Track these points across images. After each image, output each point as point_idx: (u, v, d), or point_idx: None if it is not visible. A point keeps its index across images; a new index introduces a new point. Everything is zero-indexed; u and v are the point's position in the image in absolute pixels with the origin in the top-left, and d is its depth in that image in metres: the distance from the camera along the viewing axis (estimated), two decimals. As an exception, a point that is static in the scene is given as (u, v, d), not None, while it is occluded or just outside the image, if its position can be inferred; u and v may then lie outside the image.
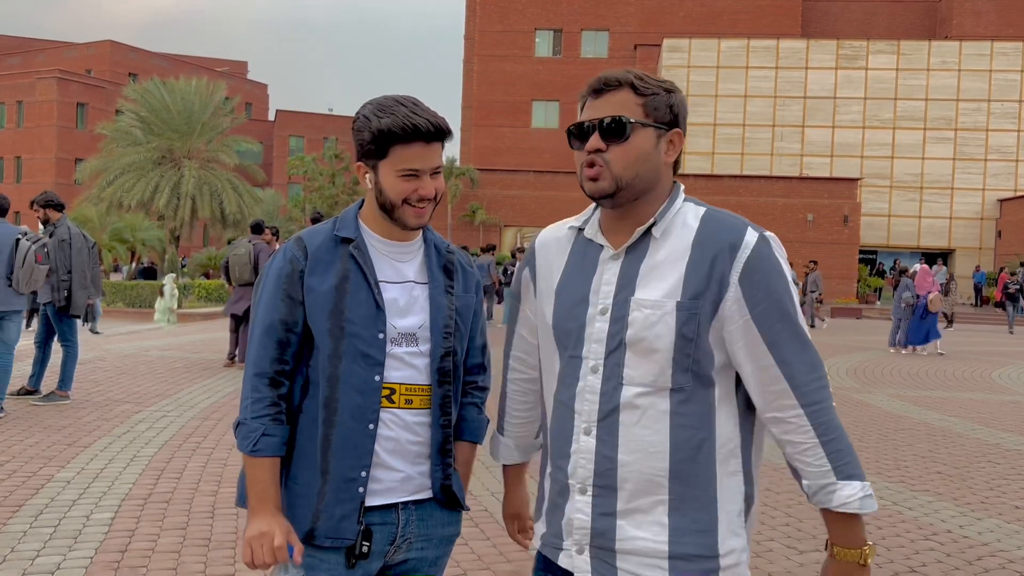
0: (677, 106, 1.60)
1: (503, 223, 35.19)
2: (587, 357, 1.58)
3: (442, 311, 1.85)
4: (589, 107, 1.60)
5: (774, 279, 1.52)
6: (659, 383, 1.52)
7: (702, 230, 1.55)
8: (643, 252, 1.57)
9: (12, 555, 3.99)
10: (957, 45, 38.22)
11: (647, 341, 1.52)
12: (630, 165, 1.55)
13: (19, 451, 5.97)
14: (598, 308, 1.58)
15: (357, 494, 1.76)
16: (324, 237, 1.82)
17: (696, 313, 1.51)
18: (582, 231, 1.69)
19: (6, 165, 54.22)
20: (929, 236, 37.88)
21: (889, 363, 14.18)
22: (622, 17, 44.51)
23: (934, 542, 4.70)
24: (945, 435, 7.91)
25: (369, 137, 1.75)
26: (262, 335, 1.78)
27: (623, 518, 1.53)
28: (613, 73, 1.60)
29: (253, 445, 1.74)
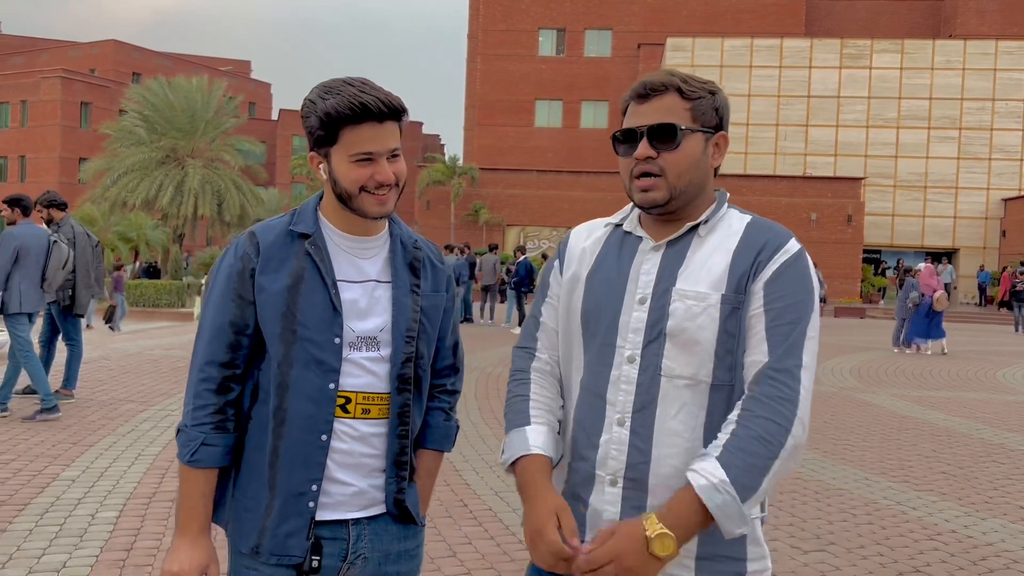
0: (722, 108, 1.58)
1: (506, 222, 35.17)
2: (622, 346, 1.54)
3: (405, 313, 1.71)
4: (634, 112, 1.57)
5: (801, 282, 1.51)
6: (699, 376, 1.50)
7: (748, 231, 1.55)
8: (686, 247, 1.56)
9: (18, 553, 4.00)
10: (961, 44, 38.13)
11: (689, 332, 1.49)
12: (683, 173, 1.53)
13: (24, 449, 5.98)
14: (636, 297, 1.55)
15: (307, 509, 1.64)
16: (279, 232, 1.68)
17: (739, 307, 1.49)
18: (619, 226, 1.67)
19: (11, 164, 54.32)
20: (933, 235, 37.81)
21: (893, 363, 14.16)
22: (625, 16, 44.48)
23: (938, 542, 4.70)
24: (949, 435, 7.89)
25: (316, 122, 1.61)
26: (210, 337, 1.66)
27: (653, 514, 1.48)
28: (658, 76, 1.57)
29: (191, 454, 1.63)
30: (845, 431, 7.88)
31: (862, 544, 4.62)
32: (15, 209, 7.26)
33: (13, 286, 6.93)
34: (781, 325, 1.47)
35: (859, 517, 5.13)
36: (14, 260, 6.93)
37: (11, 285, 6.93)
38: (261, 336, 1.67)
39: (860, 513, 5.22)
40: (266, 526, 1.65)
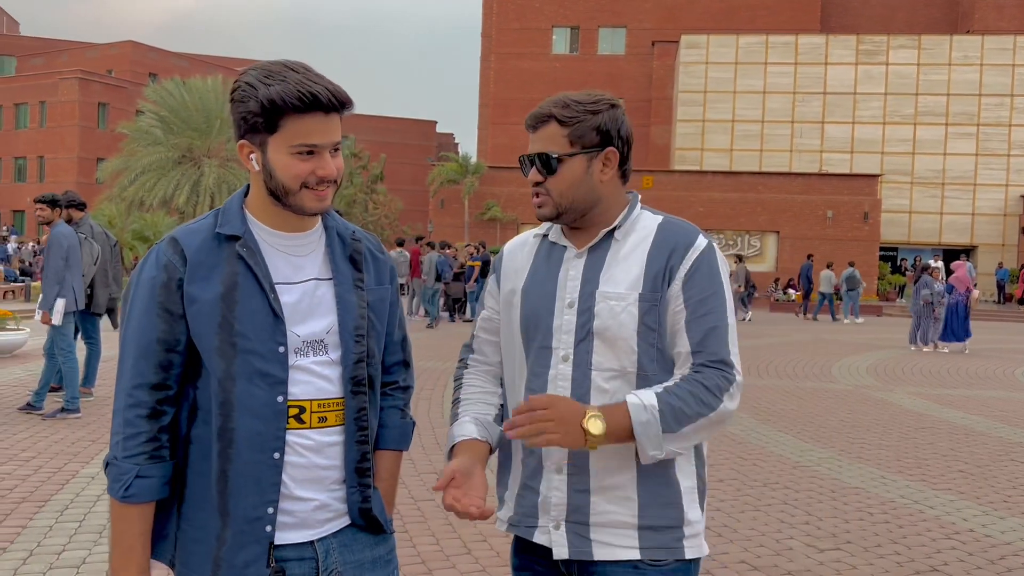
0: (605, 124, 1.71)
1: (520, 220, 35.15)
2: (557, 347, 1.71)
3: (352, 311, 1.60)
4: (531, 140, 1.75)
5: (713, 277, 1.68)
6: (625, 368, 1.67)
7: (660, 232, 1.72)
8: (605, 251, 1.73)
9: (39, 549, 4.05)
10: (979, 39, 37.77)
11: (612, 330, 1.67)
12: (564, 192, 1.71)
13: (44, 447, 6.05)
14: (565, 301, 1.71)
15: (264, 534, 1.52)
16: (204, 236, 1.54)
17: (655, 304, 1.67)
18: (546, 237, 1.83)
19: (30, 165, 54.84)
20: (951, 233, 37.49)
21: (910, 361, 14.06)
22: (639, 14, 44.35)
23: (956, 541, 4.67)
24: (967, 433, 7.84)
25: (256, 108, 1.47)
26: (137, 358, 1.51)
27: (596, 494, 1.67)
28: (542, 107, 1.73)
29: (125, 489, 1.48)
30: (862, 429, 7.84)
31: (879, 543, 4.59)
32: (54, 209, 7.30)
33: (66, 286, 6.98)
34: (702, 316, 1.65)
35: (876, 516, 5.10)
36: (66, 260, 6.97)
37: (64, 285, 6.98)
38: (194, 352, 1.53)
39: (877, 512, 5.19)
40: (221, 556, 1.51)
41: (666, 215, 1.77)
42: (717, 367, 1.64)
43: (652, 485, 1.67)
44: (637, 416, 1.58)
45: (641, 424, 1.58)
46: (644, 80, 43.99)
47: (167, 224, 31.94)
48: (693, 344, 1.65)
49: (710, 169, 36.90)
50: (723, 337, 1.66)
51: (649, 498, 1.67)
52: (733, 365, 1.65)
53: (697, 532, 1.71)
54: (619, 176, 1.76)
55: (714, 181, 34.60)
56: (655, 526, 1.67)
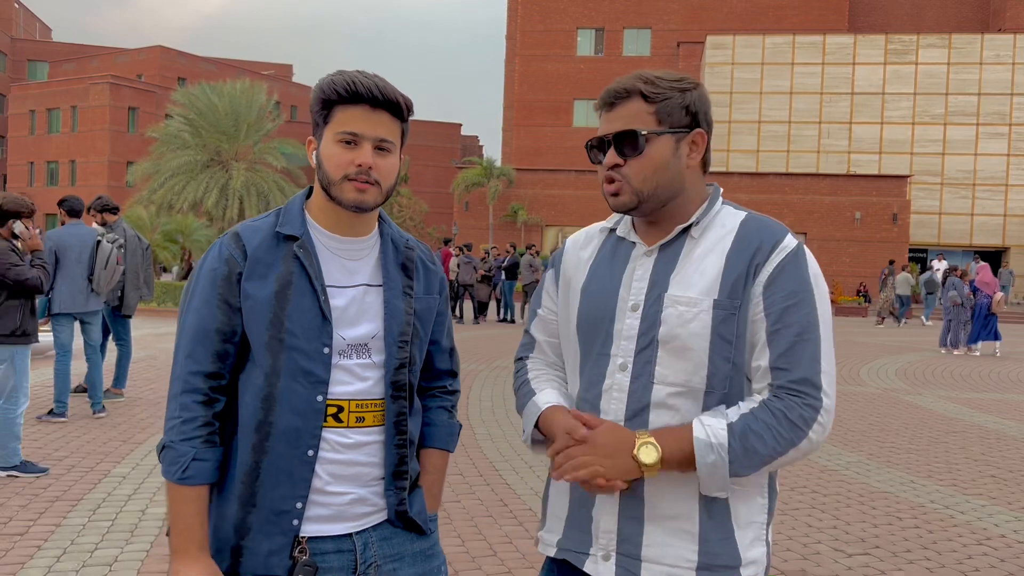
0: (695, 104, 1.54)
1: (544, 223, 35.17)
2: (615, 355, 1.53)
3: (398, 317, 1.63)
4: (604, 120, 1.57)
5: (801, 283, 1.47)
6: (692, 383, 1.48)
7: (743, 231, 1.52)
8: (678, 250, 1.54)
9: (72, 547, 4.12)
10: (1011, 38, 37.18)
11: (681, 339, 1.47)
12: (648, 177, 1.52)
13: (77, 447, 6.15)
14: (629, 304, 1.53)
15: (291, 527, 1.55)
16: (265, 234, 1.59)
17: (734, 313, 1.46)
18: (614, 231, 1.65)
19: (62, 169, 55.76)
20: (982, 234, 36.93)
21: (940, 364, 13.87)
22: (664, 15, 44.19)
23: (987, 547, 4.61)
24: (999, 438, 7.72)
25: (314, 99, 1.59)
26: (195, 346, 1.55)
27: (651, 523, 1.49)
28: (622, 82, 1.55)
29: (183, 472, 1.52)
30: (891, 433, 7.75)
31: (908, 548, 4.54)
32: (62, 210, 7.39)
33: (55, 287, 7.00)
34: (786, 327, 1.44)
35: (905, 521, 5.05)
36: (54, 261, 6.96)
37: (54, 286, 6.99)
38: (246, 345, 1.57)
39: (906, 517, 5.13)
40: (244, 545, 1.55)
41: (751, 211, 1.56)
42: (801, 392, 1.41)
43: (715, 517, 1.47)
44: (703, 456, 1.40)
45: (707, 465, 1.40)
46: (669, 81, 43.76)
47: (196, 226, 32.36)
48: (774, 359, 1.43)
49: (736, 171, 36.65)
50: (811, 353, 1.43)
51: (710, 532, 1.47)
52: (821, 387, 1.42)
53: (756, 573, 1.50)
54: (701, 165, 1.57)
55: (740, 182, 34.34)
56: (714, 565, 1.47)
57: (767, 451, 1.40)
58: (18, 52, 65.53)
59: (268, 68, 68.53)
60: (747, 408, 1.43)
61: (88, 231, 7.30)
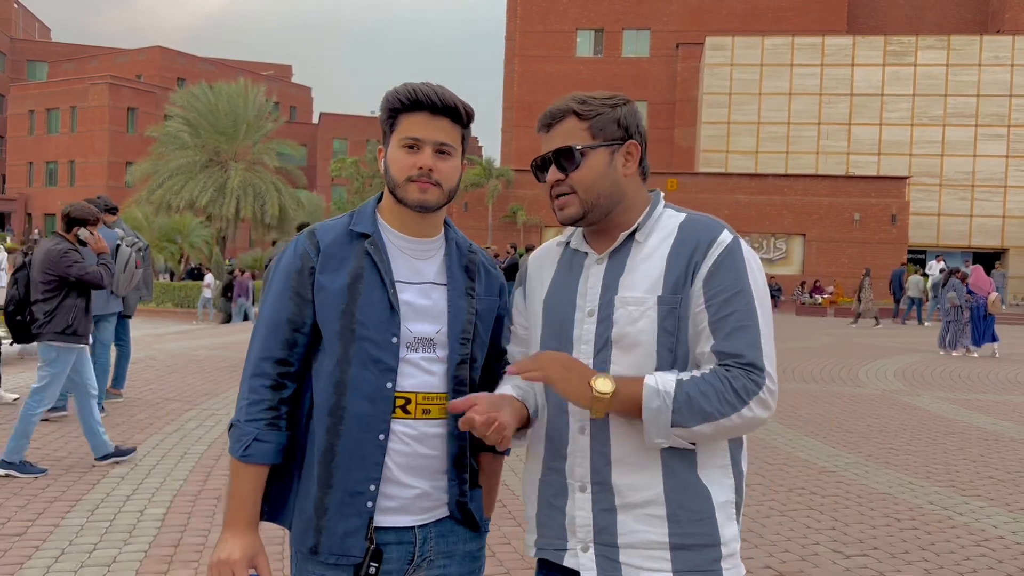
0: (625, 118, 1.67)
1: (544, 223, 35.16)
2: (577, 357, 1.63)
3: (461, 315, 1.73)
4: (544, 141, 1.69)
5: (738, 274, 1.57)
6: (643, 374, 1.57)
7: (682, 230, 1.63)
8: (626, 255, 1.65)
9: (70, 548, 4.12)
10: (1010, 40, 37.22)
11: (630, 336, 1.59)
12: (590, 187, 1.64)
13: (76, 447, 6.15)
14: (585, 311, 1.64)
15: (365, 509, 1.64)
16: (339, 232, 1.72)
17: (676, 307, 1.58)
18: (568, 244, 1.77)
19: (61, 169, 55.75)
20: (981, 235, 36.96)
21: (939, 365, 13.88)
22: (664, 16, 44.21)
23: (985, 548, 4.61)
24: (997, 439, 7.73)
25: (382, 108, 1.71)
26: (267, 334, 1.68)
27: (623, 512, 1.58)
28: (556, 105, 1.68)
29: (244, 449, 1.64)
30: (889, 434, 7.76)
31: (906, 549, 4.55)
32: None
33: None
34: (726, 316, 1.55)
35: (903, 522, 5.05)
36: None
37: None
38: (317, 336, 1.68)
39: (905, 518, 5.14)
40: (322, 525, 1.65)
41: (690, 212, 1.68)
42: (746, 368, 1.52)
43: (683, 499, 1.57)
44: (649, 401, 1.51)
45: (651, 410, 1.51)
46: (669, 82, 43.83)
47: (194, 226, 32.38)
48: (717, 345, 1.54)
49: (735, 171, 36.67)
50: (751, 339, 1.54)
51: (680, 514, 1.57)
52: (764, 369, 1.52)
53: (734, 551, 1.60)
54: (639, 173, 1.70)
55: (739, 183, 34.37)
56: (689, 545, 1.56)
57: (710, 408, 1.50)
58: (17, 52, 65.49)
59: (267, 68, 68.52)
60: (698, 373, 1.54)
61: (109, 235, 7.36)
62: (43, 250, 5.55)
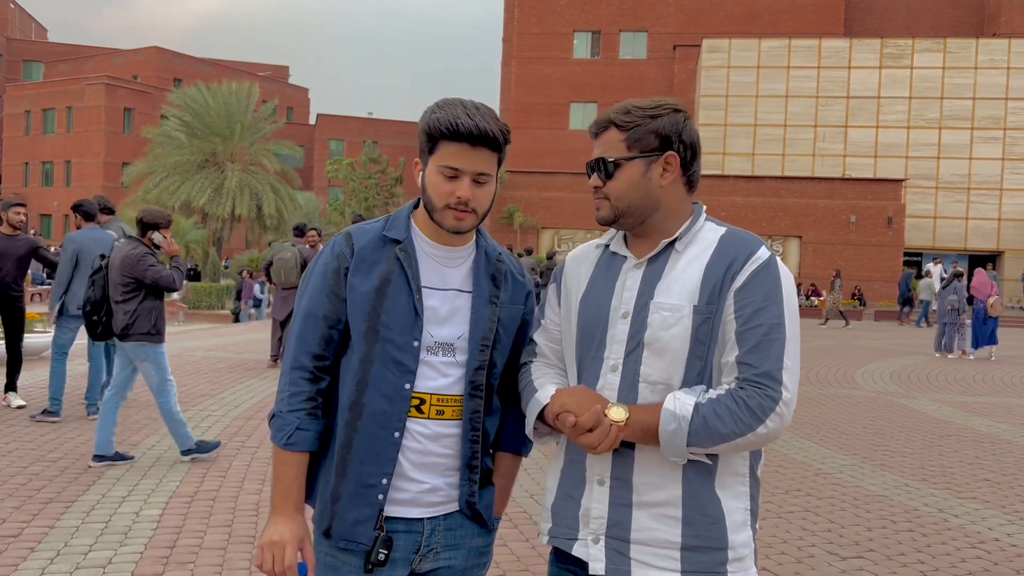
0: (666, 128, 1.69)
1: (540, 225, 35.18)
2: (607, 358, 1.69)
3: (483, 323, 1.79)
4: (594, 147, 1.78)
5: (771, 289, 1.62)
6: (672, 381, 1.63)
7: (721, 244, 1.68)
8: (664, 262, 1.70)
9: (65, 549, 4.11)
10: (1006, 43, 37.32)
11: (663, 341, 1.63)
12: (621, 196, 1.71)
13: (71, 448, 6.14)
14: (620, 312, 1.69)
15: (376, 501, 1.72)
16: (373, 236, 1.79)
17: (710, 317, 1.62)
18: (608, 247, 1.82)
19: (56, 169, 55.64)
20: (976, 238, 37.04)
21: (934, 367, 13.91)
22: (661, 18, 44.26)
23: (981, 550, 4.62)
24: (993, 441, 7.74)
25: (423, 130, 1.76)
26: (304, 329, 1.76)
27: (638, 509, 1.63)
28: (603, 115, 1.75)
29: (287, 438, 1.73)
30: (885, 437, 7.77)
31: (902, 552, 4.55)
32: (77, 215, 7.47)
33: (71, 289, 7.13)
34: (753, 328, 1.59)
35: (899, 524, 5.06)
36: (74, 264, 7.12)
37: (70, 288, 7.14)
38: (348, 332, 1.76)
39: (900, 520, 5.14)
40: (335, 511, 1.74)
41: (730, 227, 1.72)
42: (762, 384, 1.56)
43: (699, 504, 1.62)
44: (666, 424, 1.56)
45: (667, 432, 1.56)
46: (665, 84, 43.87)
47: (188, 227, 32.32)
48: (741, 355, 1.58)
49: (732, 173, 36.71)
50: (776, 350, 1.58)
51: (695, 517, 1.61)
52: (780, 381, 1.56)
53: (742, 556, 1.63)
54: (683, 183, 1.73)
55: (736, 185, 34.41)
56: (698, 547, 1.61)
57: (726, 431, 1.55)
58: (14, 52, 65.37)
59: (264, 69, 68.47)
60: (715, 394, 1.59)
61: (106, 236, 7.38)
62: (121, 254, 5.75)
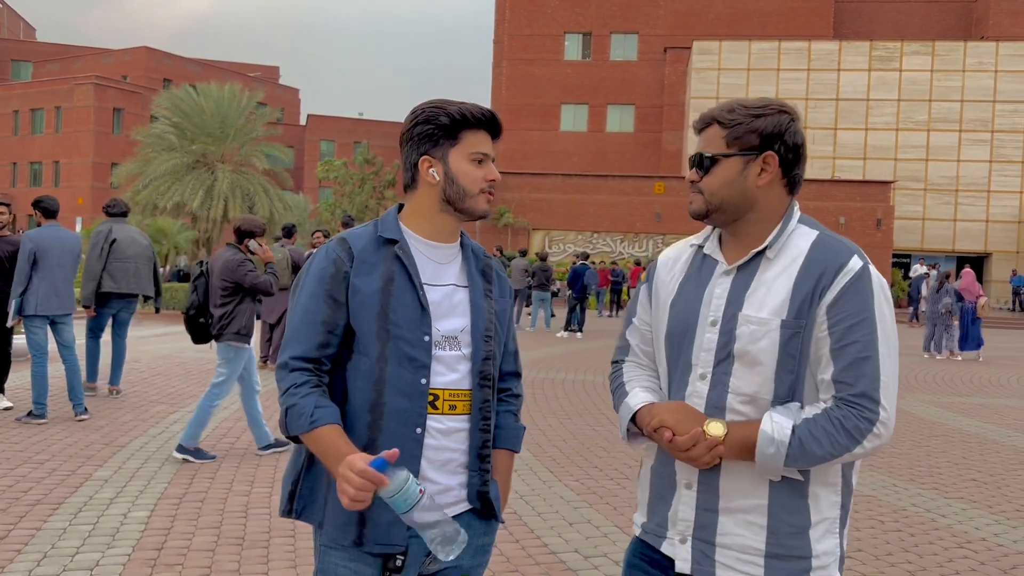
0: (768, 127, 1.67)
1: (531, 226, 35.20)
2: (696, 364, 1.69)
3: (483, 315, 1.85)
4: (697, 142, 1.78)
5: (864, 303, 1.59)
6: (761, 394, 1.63)
7: (811, 252, 1.64)
8: (754, 270, 1.68)
9: (52, 552, 4.08)
10: (994, 46, 37.58)
11: (752, 354, 1.62)
12: (715, 192, 1.70)
13: (58, 450, 6.10)
14: (708, 320, 1.69)
15: None
16: (368, 239, 1.81)
17: (799, 332, 1.60)
18: (701, 248, 1.81)
19: (45, 169, 55.31)
20: (964, 239, 37.26)
21: (924, 368, 13.98)
22: (651, 20, 44.36)
23: (968, 550, 4.64)
24: (980, 442, 7.79)
25: (447, 121, 1.79)
26: (301, 335, 1.75)
27: (724, 515, 1.65)
28: (707, 111, 1.75)
29: (310, 418, 1.69)
30: (873, 437, 7.80)
31: (890, 551, 4.57)
32: (37, 211, 7.35)
33: (31, 288, 6.98)
34: (848, 345, 1.57)
35: (887, 524, 5.08)
36: (32, 263, 6.96)
37: (29, 287, 6.98)
38: (348, 338, 1.77)
39: (888, 520, 5.17)
40: (367, 515, 1.72)
41: (823, 230, 1.69)
42: (859, 404, 1.55)
43: (784, 513, 1.62)
44: (764, 447, 1.57)
45: (766, 456, 1.57)
46: (656, 86, 43.97)
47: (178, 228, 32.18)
48: (837, 373, 1.57)
49: (722, 175, 36.76)
50: (871, 369, 1.55)
51: (780, 527, 1.62)
52: (878, 401, 1.55)
53: (826, 564, 1.64)
54: (783, 185, 1.71)
55: (726, 187, 34.51)
56: (782, 555, 1.62)
57: (823, 453, 1.56)
58: (2, 52, 64.98)
59: (255, 70, 68.26)
60: (811, 413, 1.58)
61: (67, 235, 7.28)
62: (222, 260, 6.08)
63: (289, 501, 1.82)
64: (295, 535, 4.39)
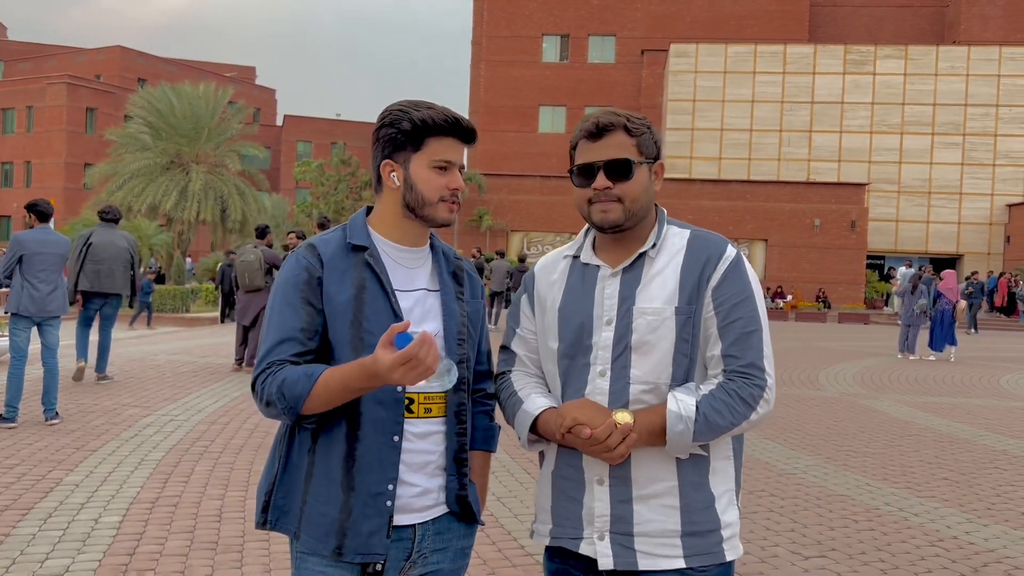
0: (659, 140, 1.83)
1: (510, 228, 35.21)
2: (594, 363, 1.76)
3: (455, 318, 1.83)
4: (588, 149, 1.79)
5: (743, 284, 1.75)
6: (661, 380, 1.73)
7: (692, 245, 1.79)
8: (639, 268, 1.79)
9: (21, 558, 4.02)
10: (965, 50, 38.12)
11: (650, 343, 1.73)
12: (636, 199, 1.77)
13: (28, 454, 6.01)
14: (604, 319, 1.77)
15: (385, 508, 1.72)
16: (337, 245, 1.79)
17: (691, 316, 1.73)
18: (576, 258, 1.88)
19: (16, 170, 54.51)
20: (937, 241, 37.76)
21: (896, 369, 14.14)
22: (629, 22, 44.55)
23: (940, 548, 4.70)
24: (952, 441, 7.89)
25: (408, 127, 1.75)
26: (279, 346, 1.71)
27: (639, 503, 1.72)
28: (606, 117, 1.79)
29: (307, 373, 1.65)
30: (847, 437, 7.88)
31: (863, 551, 4.62)
32: (32, 215, 7.33)
33: (15, 288, 7.01)
34: (733, 321, 1.72)
35: (860, 523, 5.13)
36: (17, 262, 7.01)
37: (13, 286, 7.02)
38: (324, 346, 1.74)
39: (862, 519, 5.22)
40: (346, 526, 1.71)
41: (693, 228, 1.83)
42: (749, 374, 1.69)
43: (693, 491, 1.73)
44: (673, 425, 1.66)
45: (676, 433, 1.66)
46: (633, 88, 44.16)
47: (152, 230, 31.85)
48: (725, 348, 1.71)
49: (699, 177, 37.04)
50: (756, 341, 1.71)
51: (691, 504, 1.72)
52: (764, 369, 1.71)
53: (733, 534, 1.76)
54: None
55: (703, 189, 34.73)
56: (698, 531, 1.72)
57: (725, 423, 1.68)
58: (-28, 50, 63.95)
59: (230, 70, 67.71)
60: (707, 389, 1.70)
61: (56, 237, 7.27)
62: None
63: (263, 512, 1.79)
64: (270, 539, 4.35)
